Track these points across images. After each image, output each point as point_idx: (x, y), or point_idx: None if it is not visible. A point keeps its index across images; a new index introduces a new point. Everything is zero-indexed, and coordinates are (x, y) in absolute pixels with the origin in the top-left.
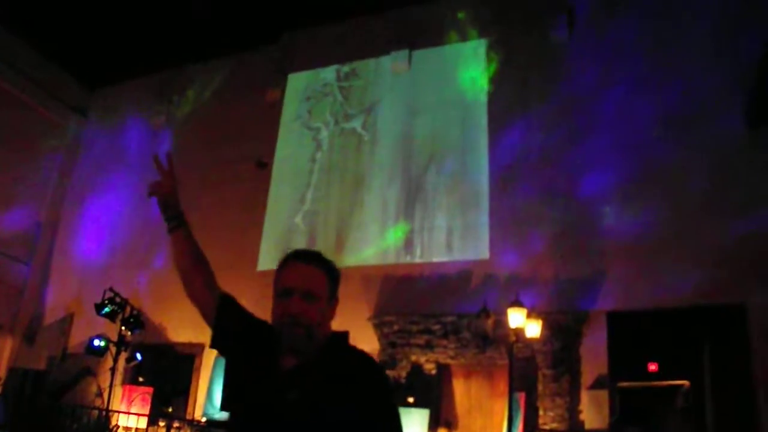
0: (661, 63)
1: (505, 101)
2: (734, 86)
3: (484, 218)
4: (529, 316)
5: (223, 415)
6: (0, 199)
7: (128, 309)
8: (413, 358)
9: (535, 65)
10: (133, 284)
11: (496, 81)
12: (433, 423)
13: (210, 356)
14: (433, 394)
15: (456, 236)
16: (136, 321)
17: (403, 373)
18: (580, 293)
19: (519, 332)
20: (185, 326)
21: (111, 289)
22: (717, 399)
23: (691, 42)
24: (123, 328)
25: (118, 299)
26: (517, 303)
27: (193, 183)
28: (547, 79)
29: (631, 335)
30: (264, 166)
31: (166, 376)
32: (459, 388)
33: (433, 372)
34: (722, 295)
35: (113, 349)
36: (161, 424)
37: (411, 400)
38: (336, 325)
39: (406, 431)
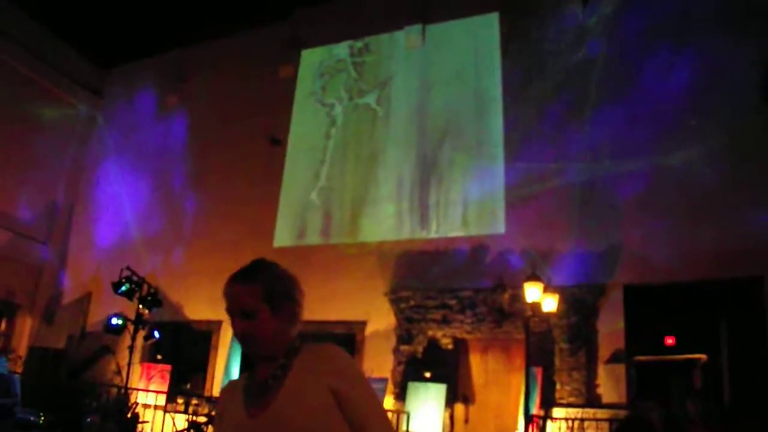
0: (677, 37)
1: (519, 73)
2: (753, 60)
3: (500, 192)
4: (545, 290)
5: None
6: (17, 180)
7: (145, 287)
8: (430, 333)
9: (549, 36)
10: (151, 263)
11: (509, 53)
12: (450, 398)
13: (227, 333)
14: (449, 369)
15: (471, 211)
16: (154, 299)
17: (420, 348)
18: (597, 267)
19: (535, 306)
20: (202, 304)
21: (128, 268)
22: (734, 373)
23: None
24: (140, 306)
25: (135, 278)
26: (534, 277)
27: (208, 160)
28: (561, 49)
29: (648, 309)
30: (278, 142)
31: (184, 353)
32: (476, 362)
33: (450, 347)
34: (740, 267)
35: (131, 327)
36: (179, 401)
37: (428, 375)
38: (353, 300)
39: (425, 406)
